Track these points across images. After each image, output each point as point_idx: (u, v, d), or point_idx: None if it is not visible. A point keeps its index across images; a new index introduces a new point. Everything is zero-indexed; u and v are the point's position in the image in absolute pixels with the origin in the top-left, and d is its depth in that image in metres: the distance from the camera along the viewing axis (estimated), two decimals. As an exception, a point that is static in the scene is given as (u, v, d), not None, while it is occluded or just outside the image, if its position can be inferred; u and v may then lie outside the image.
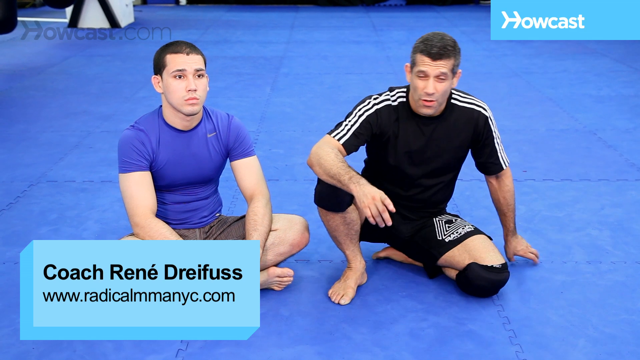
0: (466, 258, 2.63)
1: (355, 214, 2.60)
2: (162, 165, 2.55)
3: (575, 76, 6.62)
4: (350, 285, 2.67)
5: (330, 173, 2.39)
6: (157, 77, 2.51)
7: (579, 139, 4.69)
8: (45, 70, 6.91)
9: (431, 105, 2.49)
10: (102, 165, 4.18)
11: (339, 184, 2.37)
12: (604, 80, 6.43)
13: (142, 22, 10.19)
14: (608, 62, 7.26)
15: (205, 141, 2.60)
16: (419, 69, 2.45)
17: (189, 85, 2.44)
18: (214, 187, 2.76)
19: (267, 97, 5.87)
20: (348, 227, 2.61)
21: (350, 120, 2.56)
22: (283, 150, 4.43)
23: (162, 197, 2.64)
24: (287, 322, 2.50)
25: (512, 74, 6.74)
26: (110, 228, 3.29)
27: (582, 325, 2.50)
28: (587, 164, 4.19)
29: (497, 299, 2.66)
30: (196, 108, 2.48)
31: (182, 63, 2.43)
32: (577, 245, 3.14)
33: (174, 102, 2.47)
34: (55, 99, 5.81)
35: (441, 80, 2.45)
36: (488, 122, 2.64)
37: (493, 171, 2.74)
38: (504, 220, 2.84)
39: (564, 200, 3.66)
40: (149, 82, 6.36)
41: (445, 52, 2.42)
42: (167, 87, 2.47)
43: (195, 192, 2.67)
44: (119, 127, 4.94)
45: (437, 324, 2.50)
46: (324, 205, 2.55)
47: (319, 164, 2.45)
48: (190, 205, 2.67)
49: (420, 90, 2.47)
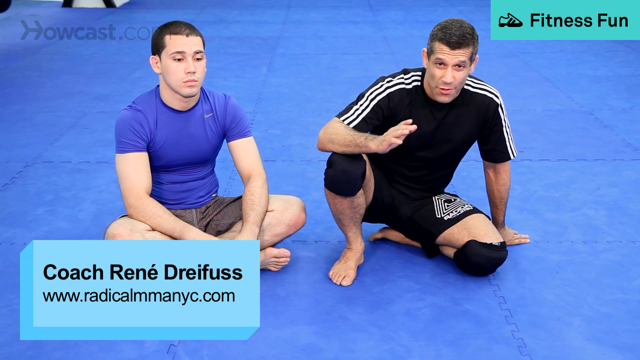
0: (465, 236, 2.63)
1: (363, 199, 2.60)
2: (160, 146, 2.54)
3: (572, 56, 6.59)
4: (351, 267, 2.67)
5: (345, 142, 2.40)
6: (155, 58, 2.49)
7: (575, 119, 4.68)
8: (41, 50, 6.85)
9: (448, 93, 2.47)
10: (98, 146, 4.16)
11: (357, 149, 2.39)
12: (600, 60, 6.40)
13: (137, 2, 10.10)
14: (605, 42, 7.22)
15: (202, 122, 2.59)
16: (437, 57, 2.41)
17: (188, 67, 2.42)
18: (211, 167, 2.76)
19: (263, 77, 5.83)
20: (354, 210, 2.60)
21: (362, 104, 2.54)
22: (280, 131, 4.41)
23: (158, 177, 2.63)
24: (283, 303, 2.50)
25: (509, 54, 6.71)
26: (106, 209, 3.28)
27: (577, 304, 2.50)
28: (584, 144, 4.18)
29: (493, 278, 2.66)
30: (194, 90, 2.46)
31: (181, 45, 2.41)
32: (573, 225, 3.14)
33: (173, 84, 2.46)
34: (50, 79, 5.77)
35: (459, 69, 2.42)
36: (498, 110, 2.62)
37: (499, 159, 2.71)
38: (495, 212, 2.84)
39: (560, 180, 3.65)
40: (146, 62, 6.32)
41: (465, 41, 2.39)
42: (166, 69, 2.45)
43: (191, 172, 2.66)
44: (115, 108, 4.91)
45: (433, 304, 2.50)
46: (336, 190, 2.53)
47: (330, 140, 2.45)
48: (187, 185, 2.67)
49: (437, 78, 2.44)
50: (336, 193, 2.54)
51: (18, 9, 9.09)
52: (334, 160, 2.48)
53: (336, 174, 2.48)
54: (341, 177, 2.47)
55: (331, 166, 2.49)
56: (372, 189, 2.65)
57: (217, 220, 2.72)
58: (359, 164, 2.47)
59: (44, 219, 3.19)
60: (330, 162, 2.50)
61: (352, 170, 2.45)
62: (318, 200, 3.34)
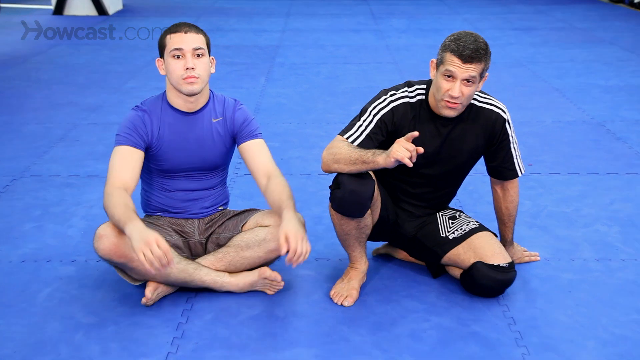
0: (471, 256, 2.61)
1: (370, 219, 2.58)
2: (163, 147, 2.58)
3: (583, 65, 6.60)
4: (354, 286, 2.65)
5: (351, 160, 2.38)
6: (160, 60, 2.59)
7: (586, 131, 4.67)
8: (30, 60, 6.86)
9: (454, 108, 2.46)
10: (89, 159, 4.15)
11: (364, 166, 2.36)
12: (612, 70, 6.41)
13: (131, 10, 10.14)
14: (616, 51, 7.24)
15: (210, 125, 2.63)
16: (447, 69, 2.40)
17: (186, 63, 2.49)
18: (221, 177, 2.77)
19: (261, 87, 5.83)
20: (360, 231, 2.59)
21: (365, 120, 2.53)
22: (278, 144, 4.40)
23: (166, 183, 2.67)
24: (282, 324, 2.48)
25: (517, 64, 6.72)
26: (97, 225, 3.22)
27: (591, 325, 2.48)
28: (596, 157, 4.17)
29: (502, 298, 2.64)
30: (195, 87, 2.51)
31: (179, 42, 2.49)
32: (586, 242, 3.12)
33: (174, 82, 2.53)
34: (39, 89, 5.77)
35: (468, 84, 2.41)
36: (505, 125, 2.61)
37: (506, 177, 2.70)
38: (503, 229, 2.83)
39: (571, 194, 3.64)
40: (139, 71, 6.33)
41: (477, 56, 2.38)
42: (167, 68, 2.54)
43: (199, 180, 2.69)
44: (107, 119, 4.91)
45: (439, 325, 2.48)
46: (344, 212, 2.51)
47: (335, 160, 2.43)
48: (193, 194, 2.69)
49: (444, 90, 2.43)
50: (344, 214, 2.52)
51: (7, 16, 9.13)
52: (342, 181, 2.45)
53: (345, 196, 2.45)
54: (350, 198, 2.44)
55: (339, 187, 2.46)
56: (379, 207, 2.64)
57: (218, 234, 2.73)
58: (368, 184, 2.45)
59: (31, 235, 3.17)
60: (338, 183, 2.47)
61: (362, 191, 2.43)
62: (318, 216, 3.32)
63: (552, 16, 9.61)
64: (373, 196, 2.49)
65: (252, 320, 2.49)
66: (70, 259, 2.94)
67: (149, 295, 2.52)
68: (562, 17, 9.55)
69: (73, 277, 2.78)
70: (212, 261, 2.62)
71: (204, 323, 2.47)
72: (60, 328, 2.43)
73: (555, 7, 10.41)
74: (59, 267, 2.87)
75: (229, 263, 2.62)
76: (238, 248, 2.62)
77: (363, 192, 2.44)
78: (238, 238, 2.64)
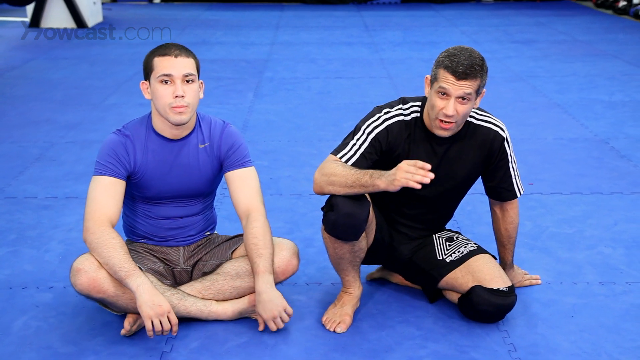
0: (469, 280, 2.63)
1: (364, 242, 2.60)
2: (146, 175, 2.56)
3: (585, 80, 6.67)
4: (347, 312, 2.66)
5: (348, 182, 2.39)
6: (145, 83, 2.55)
7: (589, 149, 4.72)
8: (4, 75, 6.88)
9: (448, 128, 2.48)
10: (67, 179, 4.16)
11: (362, 189, 2.37)
12: (616, 85, 6.48)
13: (111, 22, 10.19)
14: (620, 65, 7.32)
15: (196, 152, 2.61)
16: (441, 86, 2.42)
17: (176, 91, 2.45)
18: (208, 202, 2.77)
19: (249, 103, 5.87)
20: (354, 255, 2.60)
21: (359, 139, 2.54)
22: (267, 162, 4.43)
23: (150, 210, 2.66)
24: (271, 352, 2.49)
25: (517, 78, 6.79)
26: (75, 249, 3.26)
27: (595, 352, 2.50)
28: (599, 176, 4.21)
29: (502, 324, 2.66)
30: (184, 117, 2.49)
31: (169, 67, 2.46)
32: (589, 264, 3.15)
33: (160, 109, 2.50)
34: (14, 106, 5.79)
35: (463, 102, 2.43)
36: (504, 144, 2.63)
37: (505, 198, 2.72)
38: (502, 252, 2.84)
39: (573, 215, 3.67)
40: (120, 87, 6.35)
41: (472, 72, 2.40)
42: (154, 93, 2.49)
43: (185, 206, 2.68)
44: (87, 137, 4.92)
45: (436, 352, 2.49)
46: (338, 235, 2.51)
47: (330, 182, 2.43)
48: (180, 221, 2.69)
49: (438, 109, 2.45)
50: (338, 238, 2.53)
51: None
52: (336, 203, 2.45)
53: (339, 219, 2.45)
54: (345, 221, 2.45)
55: (333, 209, 2.47)
56: (374, 230, 2.65)
57: (205, 261, 2.72)
58: (363, 206, 2.46)
59: (5, 260, 3.17)
60: (331, 205, 2.48)
61: (357, 213, 2.44)
62: (309, 238, 3.34)
63: (553, 28, 9.72)
64: (368, 219, 2.50)
65: (240, 348, 2.50)
66: (47, 285, 2.94)
67: (128, 327, 2.52)
68: (564, 29, 9.65)
69: (50, 305, 2.78)
70: (198, 289, 2.60)
71: (189, 352, 2.47)
72: (37, 358, 2.43)
73: (556, 19, 10.53)
74: (36, 294, 2.87)
75: (217, 292, 2.61)
76: (228, 276, 2.61)
77: (358, 215, 2.45)
78: (228, 266, 2.64)
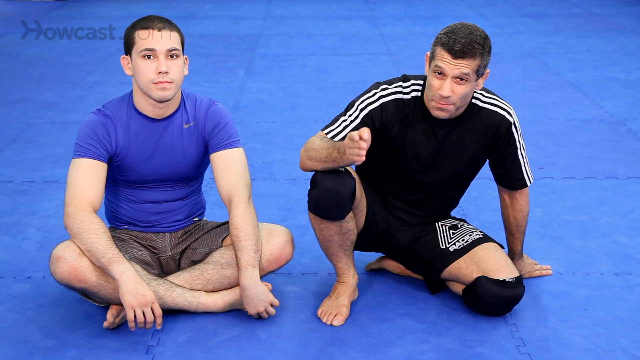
0: (474, 270, 2.65)
1: (353, 223, 2.60)
2: (128, 157, 2.56)
3: (601, 57, 6.67)
4: (343, 303, 2.67)
5: (322, 157, 2.41)
6: (126, 58, 2.54)
7: (604, 130, 4.72)
8: (-23, 51, 6.86)
9: (445, 109, 2.47)
10: (45, 162, 4.16)
11: (334, 163, 2.39)
12: (634, 62, 6.48)
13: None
14: (638, 40, 7.31)
15: (180, 132, 2.62)
16: (437, 65, 2.41)
17: (159, 66, 2.45)
18: (195, 185, 2.78)
19: (240, 82, 5.86)
20: (343, 237, 2.61)
21: (351, 115, 2.55)
22: (260, 145, 4.43)
23: (132, 194, 2.67)
24: (264, 346, 2.50)
25: (527, 55, 6.78)
26: (55, 237, 3.26)
27: (609, 347, 2.51)
28: (615, 159, 4.22)
29: (510, 317, 2.67)
30: (168, 93, 2.49)
31: (152, 41, 2.46)
32: (603, 254, 3.16)
33: (143, 85, 2.49)
34: (-12, 84, 5.78)
35: (461, 83, 2.42)
36: (511, 128, 2.62)
37: (513, 187, 2.72)
38: (511, 241, 2.85)
39: (587, 201, 3.68)
40: (101, 64, 6.33)
41: (470, 50, 2.38)
42: (136, 69, 2.49)
43: (170, 190, 2.69)
44: (66, 118, 4.91)
45: (440, 347, 2.51)
46: (322, 213, 2.53)
47: (308, 157, 2.46)
48: (165, 205, 2.69)
49: (434, 90, 2.45)
50: (322, 217, 2.55)
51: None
52: (317, 179, 2.49)
53: (321, 195, 2.48)
54: (327, 197, 2.47)
55: (315, 185, 2.50)
56: (364, 211, 2.66)
57: (193, 249, 2.73)
58: (347, 181, 2.48)
59: (-20, 249, 3.18)
60: (313, 181, 2.51)
61: (340, 189, 2.46)
62: (305, 225, 3.35)
63: (566, 1, 9.70)
64: (354, 196, 2.51)
65: (231, 342, 2.51)
66: (25, 275, 2.95)
67: (111, 320, 2.52)
68: (578, 2, 9.63)
69: (28, 296, 2.79)
70: (187, 279, 2.61)
71: (176, 346, 2.48)
72: (15, 353, 2.44)
73: (570, -8, 10.51)
74: (13, 284, 2.88)
75: (207, 282, 2.62)
76: (218, 266, 2.62)
77: (342, 191, 2.46)
78: (218, 254, 2.65)
